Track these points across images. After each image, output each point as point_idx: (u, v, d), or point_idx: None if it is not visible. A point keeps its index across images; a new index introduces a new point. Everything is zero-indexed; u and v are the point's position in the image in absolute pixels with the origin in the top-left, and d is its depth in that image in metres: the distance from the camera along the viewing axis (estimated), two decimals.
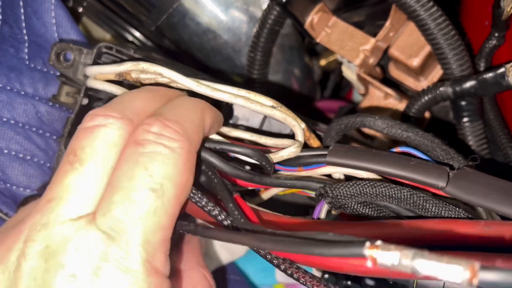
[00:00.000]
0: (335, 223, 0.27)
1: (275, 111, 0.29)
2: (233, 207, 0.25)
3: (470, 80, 0.37)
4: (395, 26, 0.44)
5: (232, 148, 0.28)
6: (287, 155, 0.28)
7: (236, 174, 0.28)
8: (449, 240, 0.24)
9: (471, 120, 0.40)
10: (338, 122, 0.31)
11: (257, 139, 0.30)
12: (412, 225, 0.24)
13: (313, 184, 0.28)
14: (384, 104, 0.45)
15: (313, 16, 0.45)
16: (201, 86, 0.28)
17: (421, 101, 0.40)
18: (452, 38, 0.38)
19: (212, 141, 0.28)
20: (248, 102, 0.29)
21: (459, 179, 0.25)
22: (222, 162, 0.27)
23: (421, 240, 0.24)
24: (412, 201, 0.26)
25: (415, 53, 0.42)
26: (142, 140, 0.23)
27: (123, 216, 0.21)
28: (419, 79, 0.44)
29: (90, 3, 0.49)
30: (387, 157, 0.26)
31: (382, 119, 0.29)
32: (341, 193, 0.26)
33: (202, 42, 0.49)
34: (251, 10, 0.48)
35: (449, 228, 0.24)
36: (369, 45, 0.44)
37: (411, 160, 0.26)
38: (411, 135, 0.28)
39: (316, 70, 0.57)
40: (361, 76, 0.45)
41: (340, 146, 0.28)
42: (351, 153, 0.27)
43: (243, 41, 0.49)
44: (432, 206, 0.26)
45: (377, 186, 0.26)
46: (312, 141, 0.30)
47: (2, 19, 0.41)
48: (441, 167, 0.26)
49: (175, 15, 0.47)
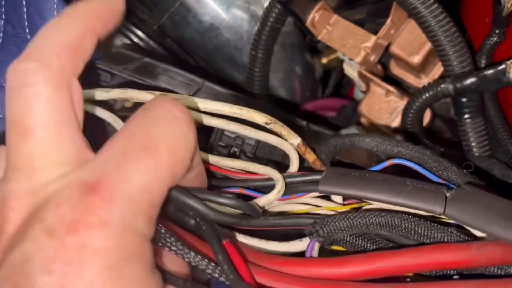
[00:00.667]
0: (327, 261, 0.26)
1: (269, 136, 0.29)
2: (222, 260, 0.24)
3: (471, 76, 0.38)
4: (396, 23, 0.44)
5: (218, 200, 0.27)
6: (266, 204, 0.28)
7: (222, 221, 0.27)
8: (443, 267, 0.24)
9: (472, 116, 0.40)
10: (327, 145, 0.31)
11: (246, 168, 0.30)
12: (404, 255, 0.24)
13: (303, 221, 0.28)
14: (385, 101, 0.46)
15: (314, 14, 0.45)
16: (193, 113, 0.28)
17: (422, 98, 0.40)
18: (453, 35, 0.38)
19: (198, 192, 0.27)
20: (241, 128, 0.29)
21: (458, 202, 0.25)
22: (205, 208, 0.26)
23: (416, 270, 0.24)
24: (403, 227, 0.25)
25: (416, 51, 0.42)
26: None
27: (109, 169, 0.20)
28: (420, 76, 0.45)
29: None
30: (381, 184, 0.26)
31: (370, 137, 0.29)
32: (331, 229, 0.26)
33: (204, 40, 0.49)
34: (252, 9, 0.49)
35: (442, 255, 0.23)
36: (370, 42, 0.44)
37: (407, 185, 0.26)
38: (401, 150, 0.28)
39: (317, 68, 0.57)
40: (363, 74, 0.46)
41: (332, 173, 0.27)
42: (343, 181, 0.27)
43: (245, 39, 0.49)
44: (424, 230, 0.25)
45: (367, 217, 0.26)
46: (307, 155, 0.30)
47: (5, 18, 0.41)
48: (438, 189, 0.25)
49: (177, 13, 0.47)
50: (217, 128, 0.34)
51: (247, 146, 0.34)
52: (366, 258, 0.24)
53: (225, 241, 0.25)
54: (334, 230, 0.26)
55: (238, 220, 0.27)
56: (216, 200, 0.27)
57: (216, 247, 0.24)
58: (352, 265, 0.24)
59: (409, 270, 0.24)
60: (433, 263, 0.24)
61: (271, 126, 0.28)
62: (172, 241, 0.24)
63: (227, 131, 0.34)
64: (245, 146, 0.34)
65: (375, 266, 0.24)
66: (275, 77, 0.53)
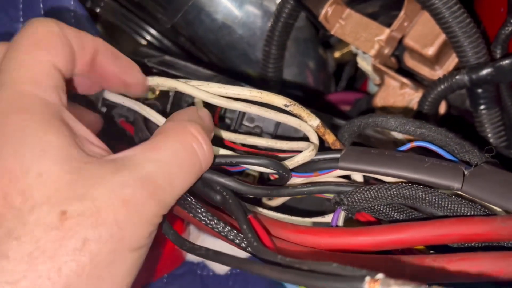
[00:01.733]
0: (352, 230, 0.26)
1: (289, 117, 0.29)
2: (246, 229, 0.25)
3: (486, 67, 0.37)
4: (409, 16, 0.44)
5: (246, 160, 0.28)
6: (302, 160, 0.28)
7: (253, 193, 0.28)
8: (466, 240, 0.24)
9: (488, 107, 0.40)
10: (350, 124, 0.31)
11: (273, 145, 0.30)
12: (427, 226, 0.24)
13: (330, 188, 0.28)
14: (400, 94, 0.46)
15: (327, 9, 0.45)
16: (215, 98, 0.29)
17: (437, 90, 0.40)
18: (467, 26, 0.38)
19: (225, 156, 0.28)
20: (261, 110, 0.29)
21: (476, 178, 0.25)
22: (237, 183, 0.27)
23: (439, 241, 0.24)
24: (428, 200, 0.26)
25: (430, 42, 0.42)
26: None
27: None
28: (434, 68, 0.44)
29: (107, 3, 0.50)
30: (401, 160, 0.26)
31: (394, 118, 0.29)
32: (356, 200, 0.27)
33: (217, 37, 0.49)
34: (265, 5, 0.49)
35: (466, 227, 0.24)
36: (383, 35, 0.44)
37: (425, 161, 0.26)
38: (424, 132, 0.28)
39: (331, 62, 0.57)
40: (377, 67, 0.46)
41: (352, 150, 0.28)
42: (363, 158, 0.27)
43: (258, 35, 0.50)
44: (448, 204, 0.25)
45: (392, 189, 0.26)
46: (327, 136, 0.30)
47: (23, 22, 0.42)
48: (456, 166, 0.26)
49: (191, 12, 0.48)
50: (236, 118, 0.34)
51: (266, 135, 0.35)
52: (390, 228, 0.25)
53: (249, 215, 0.27)
54: (359, 200, 0.26)
55: (268, 191, 0.28)
56: (245, 161, 0.28)
57: (241, 218, 0.26)
58: (377, 235, 0.25)
59: (432, 241, 0.24)
60: (456, 235, 0.24)
61: (290, 108, 0.29)
62: (203, 211, 0.26)
63: (245, 121, 0.34)
64: (263, 135, 0.35)
65: (399, 236, 0.24)
66: (288, 72, 0.53)
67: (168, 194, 0.23)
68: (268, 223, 0.27)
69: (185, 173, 0.24)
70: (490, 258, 0.23)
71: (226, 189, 0.27)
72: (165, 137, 0.25)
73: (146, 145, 0.24)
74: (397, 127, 0.29)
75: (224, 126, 0.35)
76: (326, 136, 0.30)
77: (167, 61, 0.36)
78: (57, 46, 0.25)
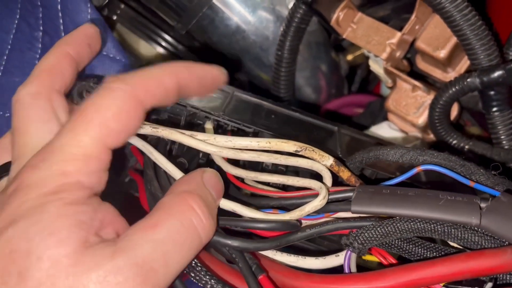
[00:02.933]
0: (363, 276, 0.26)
1: (299, 160, 0.29)
2: None
3: (498, 69, 0.37)
4: (421, 18, 0.44)
5: (253, 225, 0.27)
6: (313, 209, 0.28)
7: (261, 248, 0.27)
8: (479, 275, 0.24)
9: (501, 109, 0.40)
10: (352, 160, 0.31)
11: (284, 181, 0.30)
12: (437, 265, 0.24)
13: (339, 226, 0.28)
14: (412, 96, 0.46)
15: (338, 13, 0.46)
16: (223, 150, 0.29)
17: (449, 92, 0.40)
18: (479, 28, 0.38)
19: (231, 220, 0.28)
20: (272, 158, 0.29)
21: (493, 213, 0.24)
22: (243, 242, 0.27)
23: (451, 278, 0.24)
24: (437, 231, 0.25)
25: (441, 45, 0.42)
26: None
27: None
28: (446, 70, 0.45)
29: (123, 11, 0.51)
30: (414, 200, 0.26)
31: (394, 149, 0.29)
32: (366, 239, 0.26)
33: (231, 43, 0.50)
34: (277, 10, 0.50)
35: (476, 262, 0.23)
36: (395, 38, 0.45)
37: (439, 198, 0.26)
38: (427, 158, 0.28)
39: (343, 65, 0.58)
40: (388, 70, 0.46)
41: (363, 191, 0.27)
42: (375, 200, 0.27)
43: (271, 40, 0.51)
44: (459, 233, 0.25)
45: (397, 223, 0.26)
46: (341, 174, 0.30)
47: (43, 30, 0.43)
48: (472, 200, 0.25)
49: (205, 18, 0.49)
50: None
51: (278, 167, 0.34)
52: (401, 270, 0.25)
53: (261, 276, 0.26)
54: (369, 239, 0.26)
55: (277, 242, 0.28)
56: (251, 226, 0.28)
57: (252, 284, 0.26)
58: (389, 279, 0.25)
59: (444, 280, 0.24)
60: (468, 271, 0.24)
61: (302, 153, 0.29)
62: (207, 279, 0.26)
63: None
64: (279, 166, 0.34)
65: (411, 278, 0.24)
66: (301, 76, 0.53)
67: (162, 276, 0.23)
68: (281, 274, 0.28)
69: (182, 252, 0.24)
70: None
71: (233, 250, 0.27)
72: (164, 214, 0.24)
73: (147, 223, 0.24)
74: (399, 158, 0.29)
75: (232, 160, 0.34)
76: (341, 174, 0.30)
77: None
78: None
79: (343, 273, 0.28)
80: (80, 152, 0.24)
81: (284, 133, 0.32)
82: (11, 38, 0.43)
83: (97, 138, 0.24)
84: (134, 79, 0.25)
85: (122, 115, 0.25)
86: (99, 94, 0.25)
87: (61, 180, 0.23)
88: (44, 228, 0.22)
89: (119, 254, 0.22)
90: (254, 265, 0.27)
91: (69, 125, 0.25)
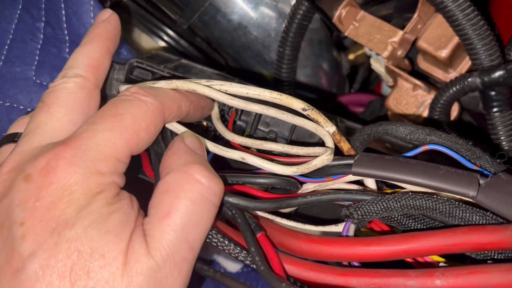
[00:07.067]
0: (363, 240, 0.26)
1: (306, 121, 0.29)
2: (254, 252, 0.25)
3: (498, 70, 0.37)
4: (423, 18, 0.44)
5: (255, 181, 0.28)
6: (320, 163, 0.28)
7: (262, 208, 0.28)
8: (479, 249, 0.24)
9: (501, 110, 0.40)
10: (361, 133, 0.31)
11: (289, 150, 0.30)
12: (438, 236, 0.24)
13: (340, 196, 0.28)
14: (412, 96, 0.46)
15: (341, 11, 0.46)
16: (233, 100, 0.29)
17: (449, 92, 0.40)
18: (481, 28, 0.38)
19: (234, 176, 0.28)
20: (279, 113, 0.29)
21: (492, 189, 0.24)
22: (244, 201, 0.27)
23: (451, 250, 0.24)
24: (438, 209, 0.25)
25: (443, 45, 0.42)
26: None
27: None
28: (448, 70, 0.45)
29: (125, 4, 0.51)
30: (415, 167, 0.26)
31: (403, 126, 0.29)
32: (366, 212, 0.26)
33: (233, 38, 0.50)
34: (280, 6, 0.50)
35: (477, 235, 0.23)
36: (397, 37, 0.45)
37: (440, 168, 0.26)
38: (434, 138, 0.28)
39: (345, 64, 0.58)
40: (390, 68, 0.46)
41: (366, 155, 0.28)
42: (376, 163, 0.27)
43: (273, 36, 0.51)
44: (460, 212, 0.25)
45: (401, 200, 0.26)
46: (342, 144, 0.30)
47: (45, 21, 0.43)
48: (472, 174, 0.25)
49: (207, 13, 0.49)
50: (252, 122, 0.34)
51: (280, 139, 0.35)
52: (400, 238, 0.25)
53: (259, 234, 0.27)
54: (369, 213, 0.26)
55: (278, 204, 0.28)
56: (254, 181, 0.28)
57: (249, 240, 0.26)
58: (387, 245, 0.25)
59: (444, 251, 0.24)
60: (468, 244, 0.23)
61: (308, 112, 0.29)
62: (213, 232, 0.26)
63: (260, 125, 0.35)
64: (278, 140, 0.35)
65: (410, 246, 0.24)
66: (302, 73, 0.53)
67: (192, 260, 0.25)
68: (280, 232, 0.28)
69: (202, 226, 0.25)
70: (500, 270, 0.22)
71: (234, 207, 0.27)
72: (174, 198, 0.25)
73: (161, 212, 0.25)
74: (407, 134, 0.29)
75: (237, 130, 0.35)
76: (342, 144, 0.30)
77: (184, 65, 0.36)
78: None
79: (342, 236, 0.28)
80: (113, 154, 0.25)
81: None
82: (13, 28, 0.43)
83: (129, 144, 0.26)
84: (163, 98, 0.28)
85: (151, 128, 0.27)
86: (133, 104, 0.27)
87: (101, 179, 0.24)
88: (100, 227, 0.23)
89: (153, 252, 0.24)
90: (253, 223, 0.27)
91: (105, 125, 0.26)
